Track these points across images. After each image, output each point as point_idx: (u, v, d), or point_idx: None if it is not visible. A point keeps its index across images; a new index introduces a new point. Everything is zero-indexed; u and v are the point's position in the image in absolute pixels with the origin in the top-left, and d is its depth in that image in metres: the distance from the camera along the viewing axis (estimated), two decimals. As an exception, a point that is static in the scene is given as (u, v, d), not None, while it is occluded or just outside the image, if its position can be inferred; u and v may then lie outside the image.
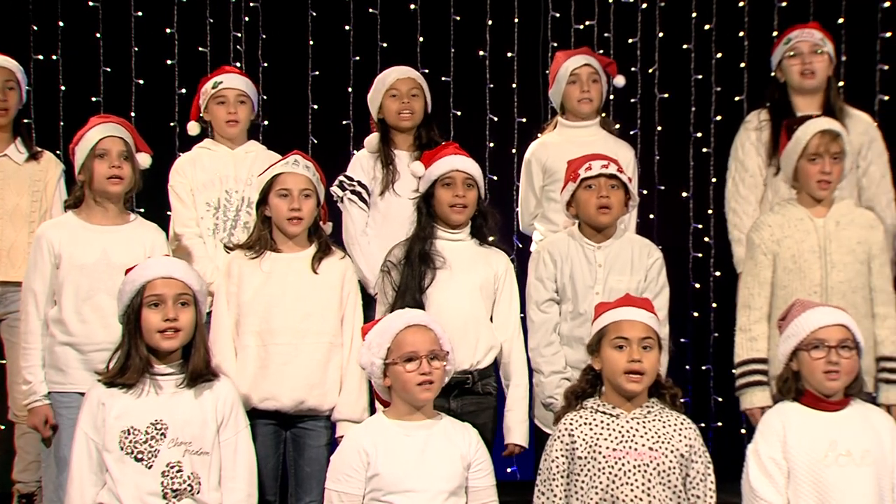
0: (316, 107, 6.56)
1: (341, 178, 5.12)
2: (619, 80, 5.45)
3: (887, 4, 6.29)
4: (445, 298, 4.40)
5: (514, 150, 6.45)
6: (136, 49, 6.44)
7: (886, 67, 6.30)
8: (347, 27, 6.55)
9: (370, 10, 6.55)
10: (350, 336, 4.39)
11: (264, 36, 6.53)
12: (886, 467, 3.68)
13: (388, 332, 3.79)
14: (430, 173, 4.51)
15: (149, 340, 3.84)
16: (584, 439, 3.72)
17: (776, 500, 3.68)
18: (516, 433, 4.43)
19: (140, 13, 6.44)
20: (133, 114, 6.30)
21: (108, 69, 6.41)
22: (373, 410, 4.06)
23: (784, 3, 6.41)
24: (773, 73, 5.15)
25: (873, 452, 3.67)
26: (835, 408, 3.74)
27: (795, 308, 3.82)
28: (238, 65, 6.35)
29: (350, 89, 6.45)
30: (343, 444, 3.85)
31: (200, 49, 6.45)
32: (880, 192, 5.00)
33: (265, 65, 6.53)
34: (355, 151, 5.36)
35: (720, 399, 6.40)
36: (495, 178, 6.49)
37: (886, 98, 6.28)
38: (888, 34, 6.30)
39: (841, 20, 6.29)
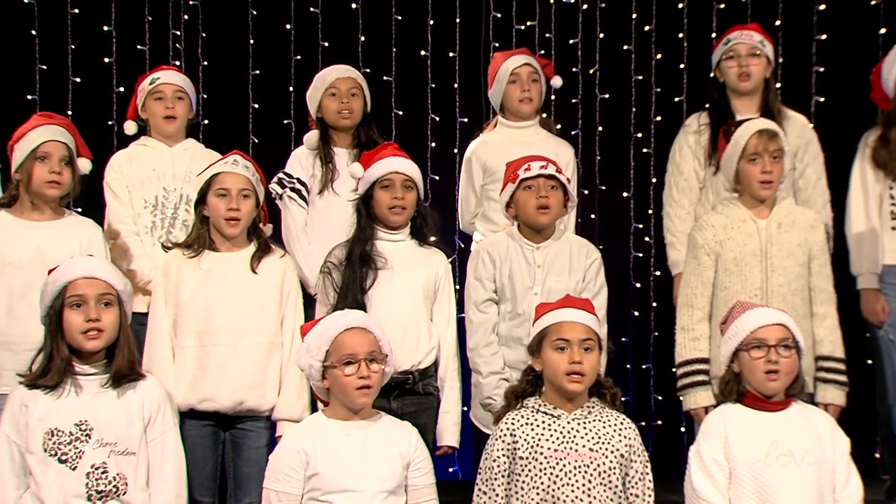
0: (256, 106, 6.51)
1: (280, 175, 5.09)
2: (557, 81, 5.46)
3: (823, 7, 6.37)
4: (387, 299, 4.39)
5: (455, 150, 6.46)
6: (73, 47, 6.35)
7: (822, 69, 6.37)
8: (288, 26, 6.51)
9: (311, 9, 6.52)
10: (290, 336, 4.37)
11: (204, 34, 6.47)
12: (827, 467, 3.71)
13: (327, 335, 3.77)
14: (369, 175, 4.50)
15: (71, 341, 3.80)
16: (525, 439, 3.73)
17: (718, 500, 3.70)
18: (450, 435, 4.45)
19: (77, 10, 6.36)
20: (70, 112, 6.22)
21: (44, 67, 6.32)
22: (315, 409, 4.05)
23: (722, 6, 6.47)
24: (712, 74, 5.20)
25: (814, 452, 3.70)
26: (776, 408, 3.77)
27: (736, 309, 3.85)
28: (177, 63, 6.28)
29: (291, 88, 6.41)
30: (282, 444, 3.83)
31: (139, 47, 6.38)
32: (816, 193, 5.06)
33: (205, 63, 6.47)
34: (297, 148, 5.32)
35: (660, 398, 6.45)
36: (437, 177, 6.49)
37: (822, 100, 6.35)
38: (824, 37, 6.37)
39: (778, 22, 6.36)
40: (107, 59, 6.36)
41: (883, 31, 6.17)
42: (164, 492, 3.85)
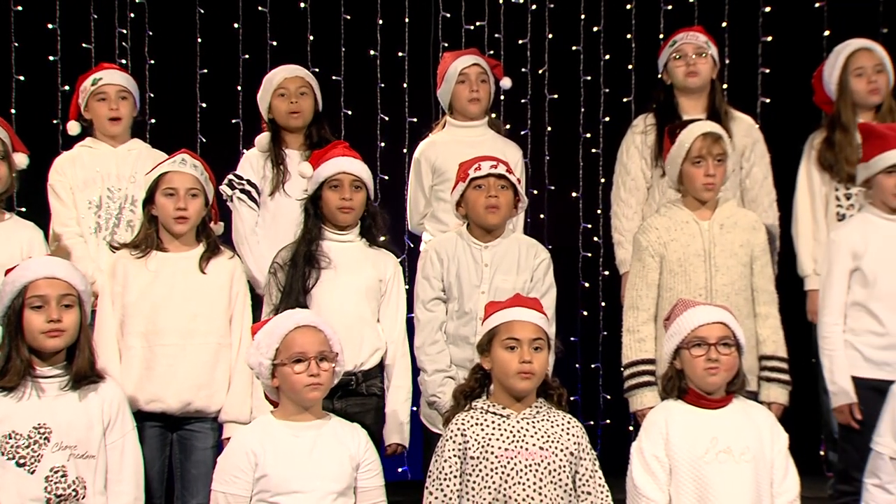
0: (204, 105, 6.47)
1: (231, 176, 5.07)
2: (506, 83, 5.48)
3: (768, 9, 6.43)
4: (330, 299, 4.38)
5: (405, 150, 6.45)
6: (17, 44, 6.27)
7: (768, 71, 6.44)
8: (236, 25, 6.47)
9: (259, 8, 6.49)
10: (238, 336, 4.36)
11: (151, 33, 6.42)
12: (766, 463, 3.75)
13: (277, 333, 3.76)
14: (318, 175, 4.49)
15: (32, 342, 3.76)
16: (476, 440, 3.74)
17: (658, 496, 3.73)
18: (397, 432, 4.44)
19: (20, 7, 6.28)
20: (13, 111, 6.15)
21: (-12, 65, 6.25)
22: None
23: (669, 7, 6.52)
24: (659, 76, 5.23)
25: (753, 449, 3.74)
26: (717, 405, 3.80)
27: (678, 307, 3.89)
28: (123, 62, 6.23)
29: (239, 88, 6.38)
30: (230, 445, 3.81)
31: (84, 45, 6.31)
32: (763, 193, 5.12)
33: (152, 62, 6.41)
34: (245, 150, 5.31)
35: (609, 397, 6.48)
36: (386, 177, 6.47)
37: (768, 100, 6.41)
38: (769, 38, 6.44)
39: (724, 24, 6.42)
40: (51, 58, 6.29)
41: (827, 33, 6.24)
42: (123, 494, 3.84)
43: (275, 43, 6.46)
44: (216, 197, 4.60)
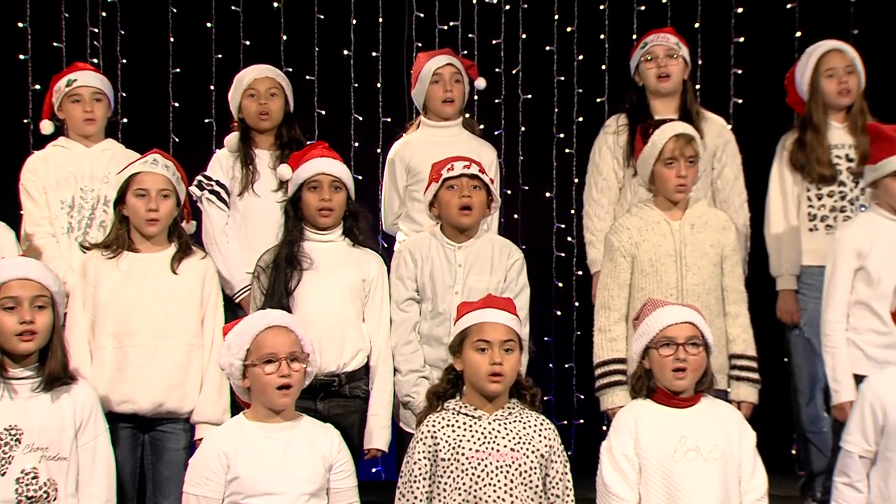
0: (177, 105, 6.45)
1: (200, 177, 5.04)
2: (480, 83, 5.48)
3: (740, 10, 6.46)
4: (312, 300, 4.37)
5: (378, 150, 6.44)
6: (-13, 44, 6.25)
7: (740, 71, 6.46)
8: (209, 24, 6.45)
9: (233, 8, 6.47)
10: (211, 337, 4.35)
11: (123, 32, 6.39)
12: (733, 461, 3.77)
13: (248, 333, 3.75)
14: (297, 176, 4.47)
15: (4, 344, 3.75)
16: (447, 441, 3.74)
17: (628, 495, 3.75)
18: (378, 438, 4.42)
19: (-10, 7, 6.26)
20: (-16, 111, 6.13)
21: (-42, 65, 6.21)
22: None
23: (643, 8, 6.54)
24: (632, 76, 5.25)
25: (721, 447, 3.76)
26: (685, 404, 3.82)
27: (647, 307, 3.90)
28: (95, 61, 6.20)
29: (212, 87, 6.36)
30: (202, 447, 3.80)
31: (55, 44, 6.28)
32: (734, 193, 5.13)
33: (124, 61, 6.39)
34: (217, 150, 5.29)
35: (582, 397, 6.49)
36: (360, 177, 6.40)
37: (740, 101, 6.44)
38: (741, 39, 6.47)
39: (697, 25, 6.44)
40: (22, 56, 6.25)
41: (798, 34, 6.28)
42: (95, 496, 3.83)
43: (248, 42, 6.44)
44: (188, 196, 4.59)
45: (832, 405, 4.49)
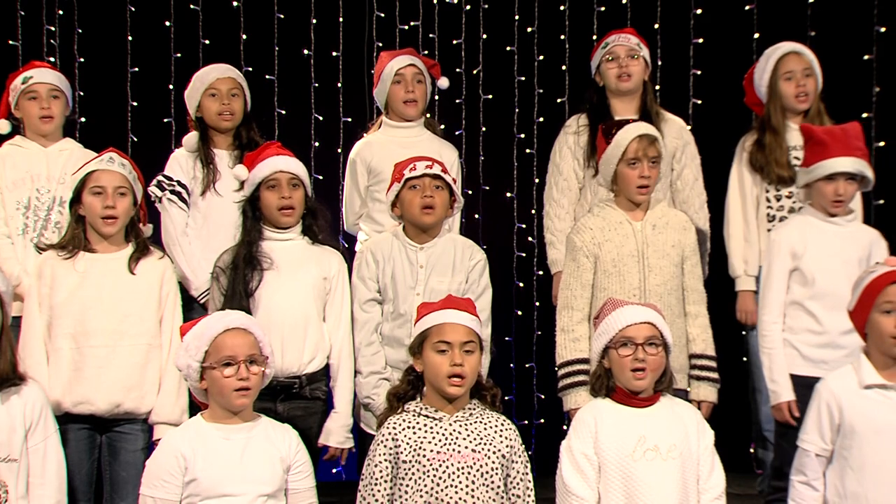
0: (135, 104, 6.40)
1: (160, 177, 5.01)
2: (443, 83, 5.48)
3: (699, 12, 6.50)
4: (274, 300, 4.35)
5: (339, 150, 6.43)
6: (-58, 42, 6.18)
7: (699, 72, 6.50)
8: (168, 23, 6.41)
9: (192, 7, 6.43)
10: (169, 337, 4.33)
11: (80, 30, 6.34)
12: (692, 460, 3.79)
13: (207, 335, 3.73)
14: (254, 176, 4.45)
15: (-49, 345, 3.70)
16: (408, 443, 3.73)
17: (587, 494, 3.75)
18: (336, 435, 4.41)
19: (-55, 4, 6.19)
20: (-61, 109, 6.03)
21: (-90, 62, 6.12)
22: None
23: (603, 8, 6.56)
24: (593, 77, 5.26)
25: (679, 446, 3.78)
26: (644, 404, 3.83)
27: (607, 307, 3.91)
28: (52, 60, 6.15)
29: (171, 86, 6.32)
30: (159, 449, 3.78)
31: (11, 42, 6.22)
32: (693, 194, 5.15)
33: (81, 60, 6.34)
34: (175, 150, 5.25)
35: (543, 397, 6.50)
36: (321, 177, 6.45)
37: (700, 102, 6.48)
38: (700, 40, 6.50)
39: (656, 26, 6.47)
40: (-23, 55, 6.20)
41: (756, 35, 6.32)
42: (46, 497, 3.80)
43: (207, 42, 6.41)
44: (144, 198, 4.55)
45: (770, 406, 4.51)
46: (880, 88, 6.20)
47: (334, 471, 6.14)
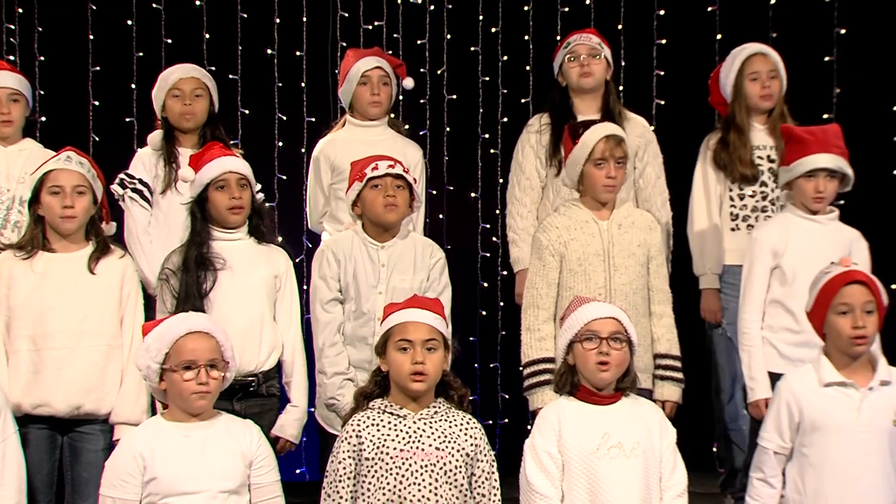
0: (97, 103, 6.36)
1: (122, 175, 5.01)
2: (408, 83, 5.48)
3: (662, 13, 6.53)
4: (229, 301, 4.34)
5: (303, 150, 6.41)
6: None
7: (662, 73, 6.53)
8: (130, 22, 6.37)
9: (154, 5, 6.39)
10: (130, 337, 4.31)
11: (40, 29, 6.30)
12: (654, 458, 3.80)
13: (168, 337, 3.71)
14: (202, 177, 4.44)
15: None
16: (371, 440, 3.73)
17: (551, 492, 3.75)
18: (288, 429, 4.41)
19: None
20: None
21: None
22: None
23: (566, 9, 6.58)
24: (555, 77, 5.27)
25: (643, 444, 3.78)
26: (608, 401, 3.84)
27: (573, 304, 3.92)
28: (12, 58, 6.09)
29: (133, 86, 6.28)
30: (118, 449, 3.76)
31: (-30, 40, 6.18)
32: (656, 192, 5.18)
33: (42, 59, 6.29)
34: (139, 149, 5.23)
35: (507, 396, 6.51)
36: (284, 177, 6.44)
37: (663, 103, 6.51)
38: (663, 41, 6.53)
39: (620, 26, 6.50)
40: (-64, 55, 6.14)
41: (719, 37, 6.35)
42: (5, 499, 3.77)
43: (169, 41, 6.37)
44: (107, 196, 4.53)
45: (748, 403, 4.54)
46: (840, 90, 6.25)
47: (298, 471, 6.13)
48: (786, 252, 4.51)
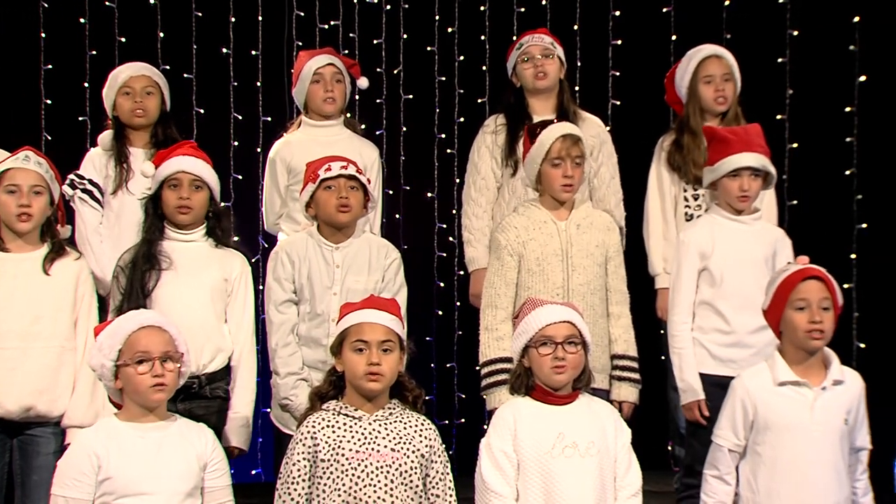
0: (49, 102, 6.30)
1: (72, 176, 4.97)
2: (363, 83, 5.48)
3: (618, 14, 6.56)
4: (172, 300, 4.31)
5: (259, 150, 6.38)
6: None
7: (618, 73, 6.56)
8: (82, 20, 6.31)
9: (107, 3, 6.33)
10: (84, 339, 4.28)
11: (-8, 27, 6.23)
12: (609, 457, 3.82)
13: (120, 334, 3.69)
14: (158, 174, 4.43)
15: None
16: (326, 441, 3.72)
17: (506, 491, 3.76)
18: (236, 436, 4.39)
19: None
20: None
21: None
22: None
23: (522, 9, 6.60)
24: (509, 77, 5.29)
25: (598, 444, 3.80)
26: (563, 401, 3.85)
27: (526, 306, 3.92)
28: (-38, 57, 6.02)
29: (86, 84, 6.22)
30: (71, 448, 3.72)
31: (-79, 39, 6.10)
32: (610, 192, 5.20)
33: (-8, 57, 6.23)
34: (92, 148, 5.18)
35: (463, 396, 6.52)
36: (240, 177, 6.41)
37: (618, 103, 6.54)
38: (619, 42, 6.57)
39: (575, 27, 6.52)
40: None
41: (674, 37, 6.40)
42: None
43: (123, 39, 6.32)
44: (62, 199, 4.50)
45: (681, 405, 4.55)
46: (793, 91, 6.31)
47: (253, 472, 6.11)
48: (713, 254, 4.51)
